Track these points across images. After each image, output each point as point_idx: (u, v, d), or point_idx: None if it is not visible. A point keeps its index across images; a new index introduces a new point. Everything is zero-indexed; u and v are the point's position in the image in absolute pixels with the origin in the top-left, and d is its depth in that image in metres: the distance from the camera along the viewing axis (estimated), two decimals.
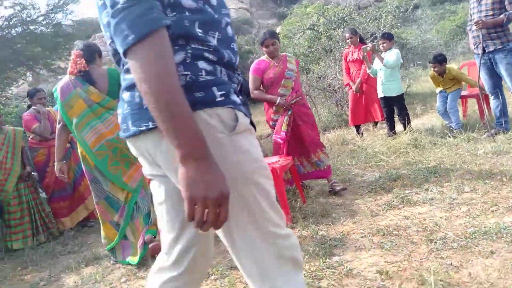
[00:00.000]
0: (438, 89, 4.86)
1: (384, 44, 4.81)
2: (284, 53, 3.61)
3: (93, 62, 2.82)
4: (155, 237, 2.71)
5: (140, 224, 2.77)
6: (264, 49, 3.48)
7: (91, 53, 2.83)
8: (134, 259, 2.71)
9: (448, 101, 4.68)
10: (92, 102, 2.68)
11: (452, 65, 5.07)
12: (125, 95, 1.01)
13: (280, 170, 2.92)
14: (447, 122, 4.74)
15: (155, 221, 2.96)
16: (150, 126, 0.93)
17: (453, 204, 2.60)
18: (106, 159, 2.67)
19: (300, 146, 3.47)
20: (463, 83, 4.84)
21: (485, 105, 4.54)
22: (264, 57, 3.52)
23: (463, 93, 5.01)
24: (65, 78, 2.75)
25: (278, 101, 3.35)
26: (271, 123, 3.55)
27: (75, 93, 2.67)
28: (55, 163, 2.94)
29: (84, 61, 2.74)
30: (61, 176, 2.97)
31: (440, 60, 4.65)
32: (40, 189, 4.39)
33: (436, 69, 4.68)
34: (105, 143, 2.65)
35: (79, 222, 4.20)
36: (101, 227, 2.85)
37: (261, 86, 3.52)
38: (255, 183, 0.96)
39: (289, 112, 3.39)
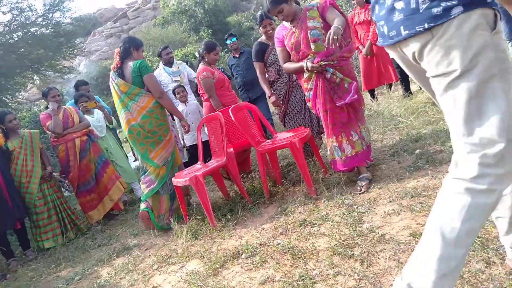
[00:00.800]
0: None
1: None
2: (305, 6, 2.74)
3: (129, 56, 3.27)
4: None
5: (165, 201, 3.33)
6: (212, 56, 3.77)
7: (126, 49, 3.27)
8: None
9: None
10: (121, 92, 3.21)
11: None
12: (398, 4, 1.17)
13: (299, 143, 2.86)
14: None
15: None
16: (426, 27, 1.10)
17: None
18: (134, 140, 3.24)
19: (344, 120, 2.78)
20: None
21: None
22: (285, 22, 2.90)
23: None
24: (110, 74, 3.29)
25: (305, 65, 2.69)
26: (306, 94, 2.90)
27: (112, 86, 3.30)
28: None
29: (119, 58, 3.25)
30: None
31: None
32: (63, 188, 4.48)
33: None
34: (130, 128, 3.21)
35: (105, 215, 4.29)
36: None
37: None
38: (506, 80, 1.09)
39: (328, 75, 2.67)
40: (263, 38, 3.67)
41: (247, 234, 2.55)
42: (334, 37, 2.33)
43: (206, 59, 3.85)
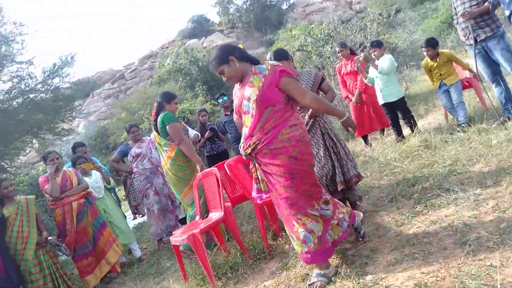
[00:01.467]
0: (437, 84, 4.74)
1: (375, 52, 4.84)
2: (255, 68, 2.32)
3: (163, 109, 3.77)
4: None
5: None
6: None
7: (159, 104, 3.80)
8: None
9: (452, 95, 4.57)
10: (156, 142, 3.81)
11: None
12: None
13: None
14: (456, 117, 4.63)
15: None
16: None
17: (478, 200, 2.51)
18: (170, 183, 3.86)
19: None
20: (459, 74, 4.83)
21: (485, 93, 4.51)
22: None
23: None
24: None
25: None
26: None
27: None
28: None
29: (154, 112, 3.80)
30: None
31: (432, 43, 4.60)
32: (59, 252, 4.37)
33: (429, 52, 4.59)
34: (165, 172, 3.82)
35: (102, 279, 4.16)
36: None
37: None
38: None
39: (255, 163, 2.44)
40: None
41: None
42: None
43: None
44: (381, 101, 4.88)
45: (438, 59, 4.58)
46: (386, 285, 1.93)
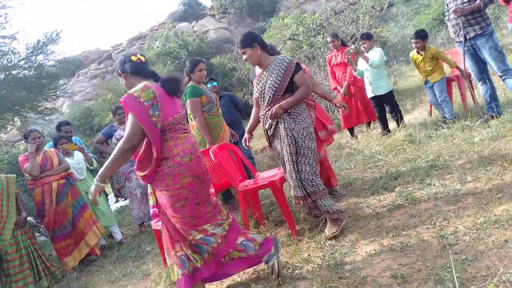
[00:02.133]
0: (423, 79, 4.78)
1: (365, 45, 4.83)
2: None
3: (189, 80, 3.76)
4: None
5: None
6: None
7: (187, 73, 3.75)
8: None
9: (436, 92, 4.62)
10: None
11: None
12: None
13: (280, 183, 2.86)
14: (441, 113, 4.70)
15: None
16: None
17: (458, 196, 2.55)
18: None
19: None
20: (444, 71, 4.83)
21: (470, 90, 4.52)
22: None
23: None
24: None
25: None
26: None
27: None
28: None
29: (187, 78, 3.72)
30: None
31: (422, 35, 4.59)
32: (38, 233, 4.31)
33: (418, 44, 4.59)
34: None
35: (81, 261, 4.12)
36: None
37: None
38: None
39: None
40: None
41: (228, 279, 2.47)
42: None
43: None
44: (370, 94, 4.90)
45: (424, 54, 4.60)
46: (364, 275, 1.95)
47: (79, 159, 4.64)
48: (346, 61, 4.92)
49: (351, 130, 5.46)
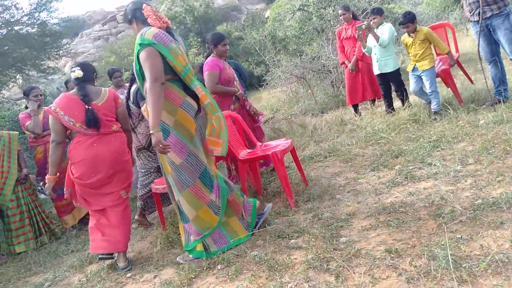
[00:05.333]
0: (411, 66, 4.41)
1: (375, 20, 4.69)
2: None
3: (210, 53, 3.55)
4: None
5: (236, 197, 2.52)
6: (221, 48, 3.63)
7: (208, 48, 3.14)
8: (241, 234, 2.44)
9: (425, 83, 4.25)
10: (186, 63, 2.34)
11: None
12: None
13: (281, 154, 2.86)
14: (425, 99, 4.42)
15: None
16: None
17: (458, 177, 2.55)
18: (205, 123, 2.45)
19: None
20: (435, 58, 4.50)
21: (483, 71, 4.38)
22: (215, 56, 3.63)
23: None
24: (153, 29, 2.26)
25: (239, 91, 3.68)
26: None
27: (173, 47, 2.28)
28: (153, 132, 2.15)
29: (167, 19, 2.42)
30: (162, 144, 2.22)
31: (410, 18, 4.25)
32: (38, 191, 4.36)
33: (409, 28, 4.24)
34: (205, 106, 2.39)
35: (80, 220, 4.20)
36: (196, 215, 2.35)
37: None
38: None
39: (247, 107, 3.74)
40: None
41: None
42: None
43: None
44: (376, 71, 4.81)
45: (415, 35, 4.27)
46: (358, 248, 1.98)
47: None
48: (356, 36, 4.80)
49: (355, 107, 5.41)
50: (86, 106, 2.64)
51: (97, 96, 2.74)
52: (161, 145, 2.14)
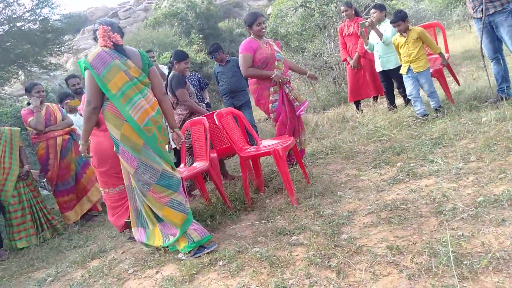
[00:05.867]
0: (404, 68, 4.20)
1: (375, 14, 4.67)
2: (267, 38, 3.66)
3: (122, 39, 2.63)
4: None
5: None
6: (255, 28, 3.49)
7: (119, 31, 2.61)
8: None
9: (422, 85, 4.11)
10: (133, 76, 2.45)
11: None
12: None
13: (282, 151, 2.86)
14: (416, 109, 4.16)
15: None
16: None
17: (459, 174, 2.55)
18: (155, 135, 2.46)
19: (297, 124, 3.66)
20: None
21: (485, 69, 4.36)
22: (252, 37, 3.52)
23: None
24: (97, 50, 2.43)
25: (275, 73, 3.41)
26: (270, 106, 3.50)
27: (114, 64, 2.40)
28: (81, 144, 2.56)
29: (120, 37, 2.55)
30: (86, 156, 2.61)
31: (401, 16, 4.05)
32: (41, 187, 4.38)
33: (400, 27, 4.06)
34: (151, 119, 2.44)
35: (82, 216, 4.22)
36: (162, 215, 2.47)
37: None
38: None
39: (287, 91, 3.51)
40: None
41: (226, 241, 2.53)
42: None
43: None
44: (378, 68, 4.80)
45: (407, 35, 4.08)
46: (360, 244, 1.98)
47: None
48: (358, 33, 4.79)
49: (357, 104, 5.40)
50: None
51: None
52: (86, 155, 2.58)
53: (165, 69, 5.07)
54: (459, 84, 4.45)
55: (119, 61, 2.42)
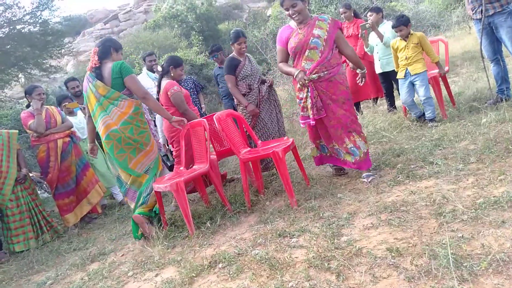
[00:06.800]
0: (401, 72, 4.11)
1: (371, 17, 4.68)
2: (317, 15, 2.97)
3: (108, 57, 3.04)
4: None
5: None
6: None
7: (106, 49, 3.04)
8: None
9: (418, 89, 3.99)
10: (100, 95, 2.92)
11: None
12: None
13: (282, 153, 2.86)
14: (413, 113, 4.13)
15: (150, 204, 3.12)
16: None
17: (459, 175, 2.55)
18: (112, 147, 2.96)
19: (331, 131, 3.01)
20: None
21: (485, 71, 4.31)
22: (291, 23, 3.01)
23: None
24: (86, 74, 3.05)
25: (295, 74, 2.86)
26: (298, 101, 3.05)
27: (89, 88, 2.98)
28: (88, 144, 3.36)
29: (97, 58, 2.98)
30: (92, 155, 3.41)
31: (404, 21, 4.00)
32: (41, 189, 4.38)
33: (402, 32, 3.99)
34: (110, 133, 2.92)
35: (82, 218, 4.22)
36: None
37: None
38: None
39: (308, 91, 2.87)
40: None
41: (226, 243, 2.52)
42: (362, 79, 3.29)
43: (171, 74, 3.68)
44: (378, 70, 4.80)
45: (408, 40, 4.02)
46: (359, 247, 1.98)
47: (81, 119, 4.64)
48: (359, 36, 4.79)
49: (357, 105, 5.40)
50: None
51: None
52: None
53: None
54: (454, 104, 4.26)
55: (91, 85, 2.96)
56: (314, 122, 2.95)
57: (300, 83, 2.85)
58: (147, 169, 3.07)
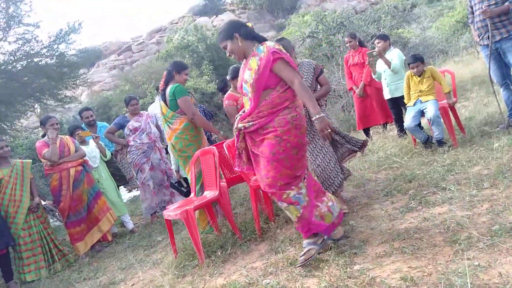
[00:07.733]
0: (413, 101, 4.18)
1: (379, 44, 4.75)
2: (254, 48, 2.36)
3: (172, 79, 3.53)
4: None
5: None
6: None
7: (170, 72, 3.55)
8: None
9: (428, 110, 3.97)
10: (162, 113, 3.56)
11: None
12: None
13: None
14: (418, 138, 4.12)
15: None
16: None
17: (473, 201, 2.50)
18: (175, 155, 3.73)
19: None
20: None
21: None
22: (231, 90, 3.77)
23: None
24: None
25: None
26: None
27: (158, 104, 3.71)
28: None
29: (163, 81, 3.56)
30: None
31: (420, 58, 4.17)
32: (53, 218, 4.41)
33: (419, 68, 4.09)
34: (169, 145, 3.62)
35: (93, 246, 4.21)
36: None
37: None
38: None
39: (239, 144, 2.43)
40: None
41: (236, 273, 2.49)
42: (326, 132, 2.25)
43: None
44: (387, 96, 4.83)
45: (421, 75, 4.12)
46: (373, 276, 1.93)
47: (93, 148, 4.73)
48: (366, 63, 4.85)
49: (367, 131, 5.40)
50: None
51: None
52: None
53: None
54: (464, 134, 4.24)
55: (159, 103, 3.62)
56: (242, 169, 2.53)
57: (235, 132, 2.43)
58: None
